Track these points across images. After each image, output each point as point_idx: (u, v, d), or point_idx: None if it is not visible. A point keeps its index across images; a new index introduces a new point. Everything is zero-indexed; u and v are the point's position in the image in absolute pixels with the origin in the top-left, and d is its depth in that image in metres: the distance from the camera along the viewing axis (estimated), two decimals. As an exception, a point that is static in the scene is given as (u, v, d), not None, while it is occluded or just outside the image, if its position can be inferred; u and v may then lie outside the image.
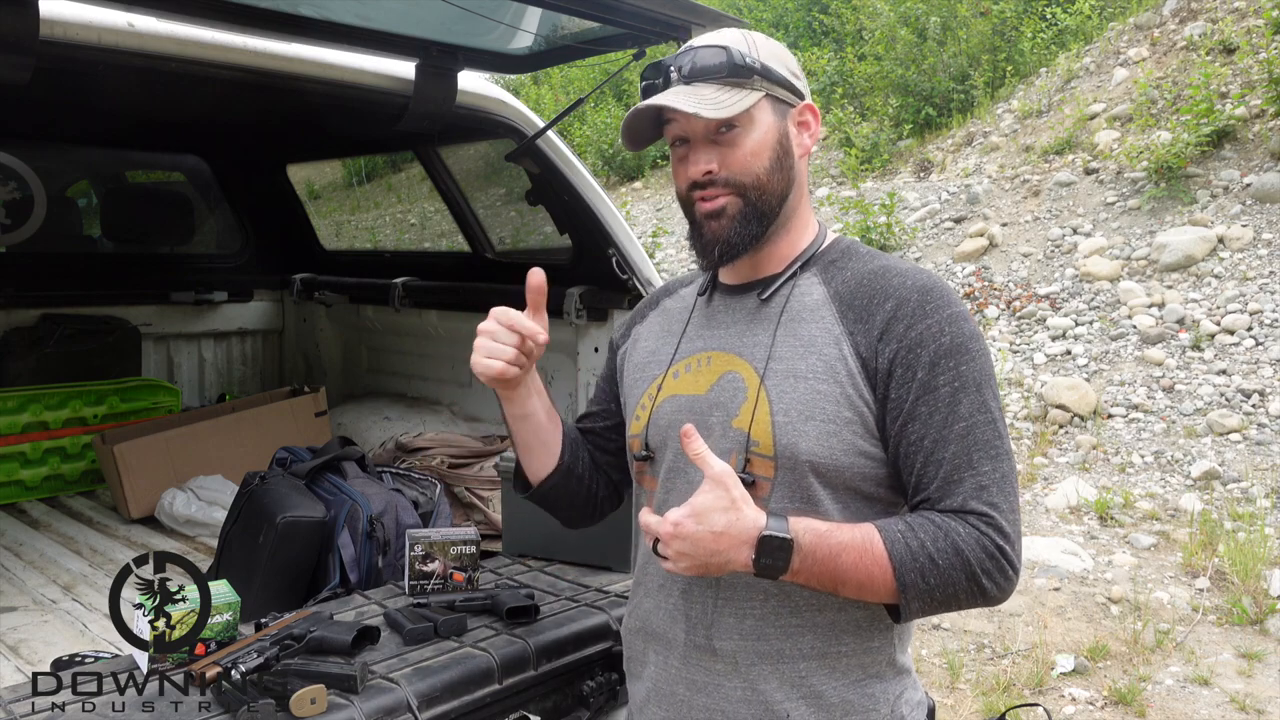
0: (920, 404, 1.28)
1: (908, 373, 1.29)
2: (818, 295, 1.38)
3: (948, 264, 8.34)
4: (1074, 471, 5.86)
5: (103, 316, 3.82)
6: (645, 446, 1.45)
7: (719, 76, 1.35)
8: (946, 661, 3.99)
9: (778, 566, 1.22)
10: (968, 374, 1.29)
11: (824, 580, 1.24)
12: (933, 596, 1.24)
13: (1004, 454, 1.29)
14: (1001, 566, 1.25)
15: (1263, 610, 4.24)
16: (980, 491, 1.26)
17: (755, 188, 1.36)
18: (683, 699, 1.40)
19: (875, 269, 1.38)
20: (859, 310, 1.34)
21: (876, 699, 1.36)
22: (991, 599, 1.27)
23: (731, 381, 1.37)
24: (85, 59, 1.91)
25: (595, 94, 13.01)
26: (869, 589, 1.25)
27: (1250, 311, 6.42)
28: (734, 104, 1.33)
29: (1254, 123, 7.68)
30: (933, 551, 1.23)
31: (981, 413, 1.28)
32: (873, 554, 1.23)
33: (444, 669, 1.68)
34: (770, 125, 1.37)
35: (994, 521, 1.25)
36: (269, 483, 2.32)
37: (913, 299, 1.31)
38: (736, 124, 1.35)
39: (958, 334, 1.30)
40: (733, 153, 1.35)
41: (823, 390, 1.30)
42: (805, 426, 1.29)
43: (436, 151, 3.37)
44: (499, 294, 3.59)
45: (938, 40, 11.05)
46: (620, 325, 1.68)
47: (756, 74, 1.36)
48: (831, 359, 1.32)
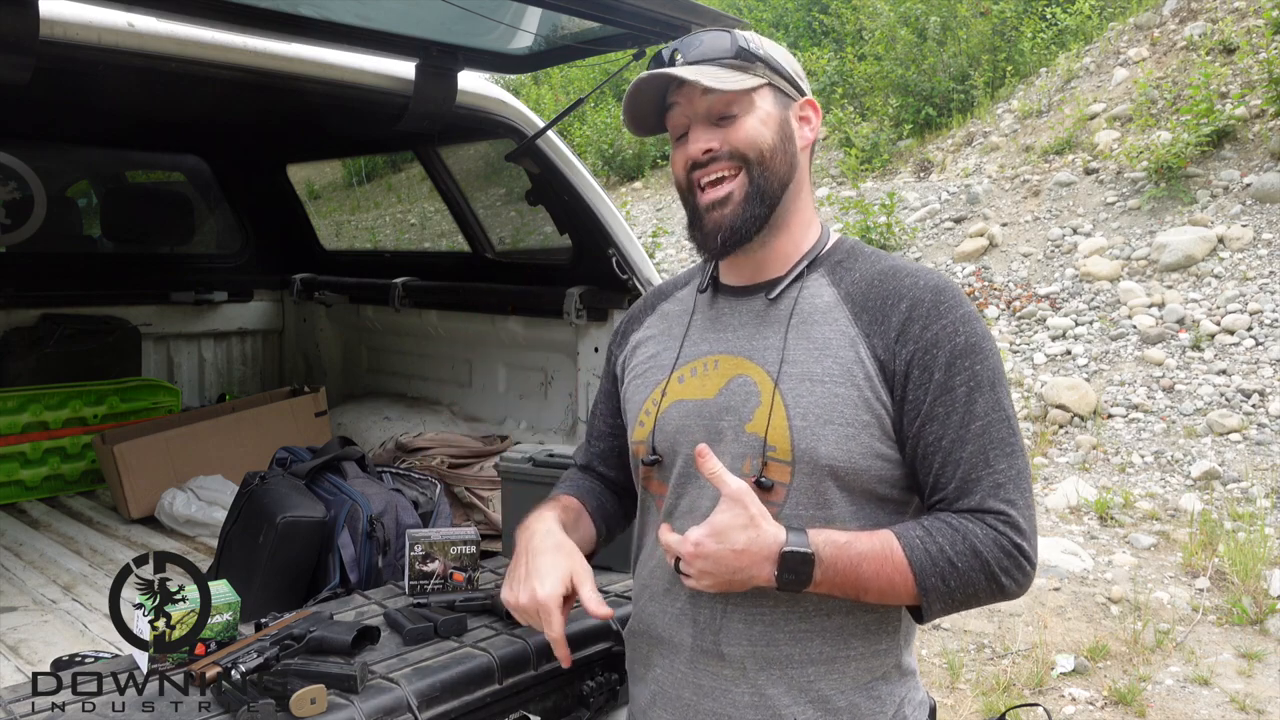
0: (938, 405, 1.29)
1: (924, 374, 1.29)
2: (828, 297, 1.38)
3: (948, 264, 8.34)
4: (1074, 471, 5.87)
5: (103, 316, 3.82)
6: (653, 451, 1.44)
7: (724, 59, 1.35)
8: (946, 661, 3.99)
9: (800, 581, 1.23)
10: (982, 373, 1.30)
11: (845, 590, 1.26)
12: (954, 598, 1.26)
13: (1019, 451, 1.30)
14: (1019, 563, 1.26)
15: (1263, 610, 4.24)
16: (997, 489, 1.27)
17: (759, 162, 1.35)
18: (689, 703, 1.40)
19: (884, 269, 1.38)
20: (873, 312, 1.34)
21: (883, 701, 1.36)
22: (1011, 595, 1.29)
23: (743, 385, 1.36)
24: (85, 59, 1.91)
25: (595, 94, 13.00)
26: (891, 595, 1.27)
27: (1250, 311, 6.42)
28: (737, 82, 1.34)
29: (1254, 123, 7.68)
30: (951, 555, 1.24)
31: (996, 411, 1.29)
32: (893, 561, 1.24)
33: (444, 669, 1.67)
34: (772, 112, 1.37)
35: (1010, 519, 1.26)
36: (269, 483, 2.32)
37: (927, 299, 1.32)
38: (737, 109, 1.35)
39: (971, 334, 1.31)
40: (735, 130, 1.35)
41: (841, 394, 1.30)
42: (824, 430, 1.29)
43: (436, 151, 3.37)
44: (499, 294, 3.61)
45: (938, 40, 11.06)
46: (614, 334, 1.67)
47: (759, 61, 1.37)
48: (848, 362, 1.32)
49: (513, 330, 3.28)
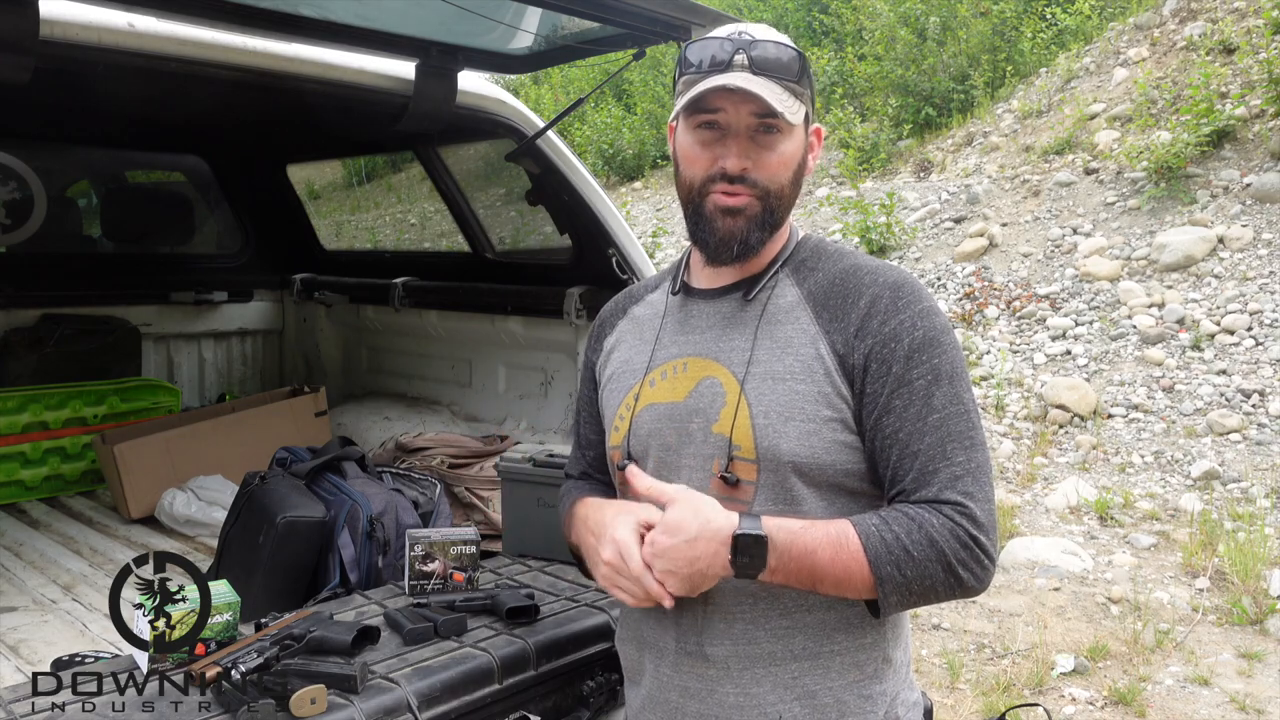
0: (895, 397, 1.29)
1: (883, 367, 1.30)
2: (792, 296, 1.39)
3: (948, 264, 8.34)
4: (1074, 471, 5.86)
5: (103, 316, 3.82)
6: (627, 456, 1.44)
7: (788, 78, 1.32)
8: (946, 661, 3.99)
9: (755, 564, 1.23)
10: (941, 366, 1.30)
11: (802, 577, 1.25)
12: (910, 589, 1.25)
13: (978, 444, 1.30)
14: (976, 556, 1.25)
15: (1263, 610, 4.24)
16: (955, 481, 1.26)
17: (777, 196, 1.36)
18: (676, 705, 1.40)
19: (846, 268, 1.39)
20: (834, 309, 1.35)
21: (873, 699, 1.36)
22: (969, 589, 1.27)
23: (710, 387, 1.37)
24: (85, 59, 1.92)
25: (595, 94, 13.01)
26: (846, 584, 1.26)
27: (1250, 311, 6.42)
28: (796, 112, 1.33)
29: (1254, 123, 7.68)
30: (907, 544, 1.23)
31: (955, 404, 1.29)
32: (848, 549, 1.24)
33: (444, 669, 1.67)
34: (801, 139, 1.38)
35: (968, 511, 1.25)
36: (269, 483, 2.32)
37: (885, 295, 1.33)
38: (781, 129, 1.33)
39: (930, 328, 1.31)
40: (768, 157, 1.34)
41: (801, 390, 1.31)
42: (785, 427, 1.30)
43: (436, 151, 3.37)
44: (499, 294, 3.61)
45: (937, 40, 11.05)
46: (589, 339, 1.66)
47: (809, 86, 1.36)
48: (809, 359, 1.33)
49: (513, 330, 3.28)
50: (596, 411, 1.62)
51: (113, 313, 3.86)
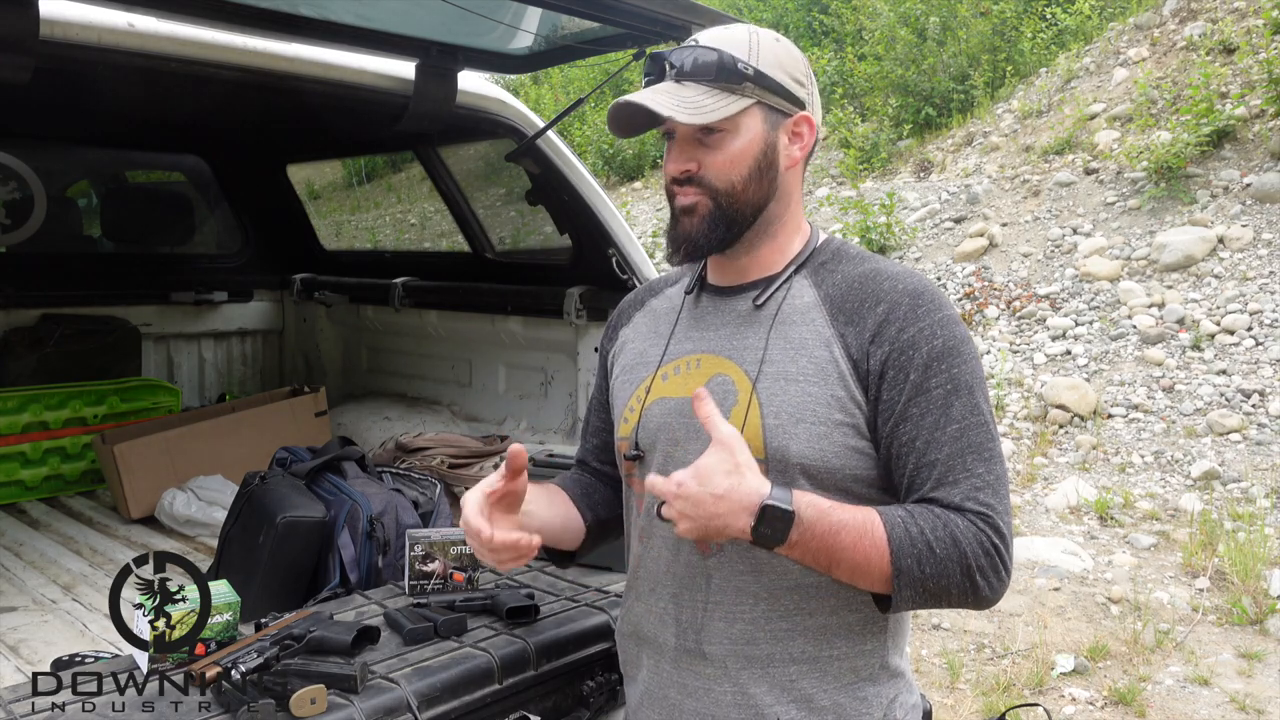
0: (912, 405, 1.28)
1: (900, 375, 1.29)
2: (808, 298, 1.38)
3: (948, 264, 8.34)
4: (1074, 471, 5.86)
5: (103, 316, 3.82)
6: (635, 447, 1.45)
7: (707, 79, 1.34)
8: (946, 661, 3.99)
9: (775, 537, 1.20)
10: (960, 377, 1.29)
11: (819, 557, 1.23)
12: (925, 586, 1.23)
13: (996, 457, 1.29)
14: (996, 566, 1.24)
15: (1263, 610, 4.24)
16: (975, 493, 1.25)
17: (728, 194, 1.36)
18: (674, 703, 1.40)
19: (865, 272, 1.38)
20: (849, 313, 1.34)
21: (869, 702, 1.36)
22: (982, 599, 1.26)
23: (722, 384, 1.37)
24: (85, 59, 1.92)
25: (595, 94, 13.00)
26: (863, 571, 1.24)
27: (1250, 311, 6.42)
28: (715, 109, 1.32)
29: (1254, 123, 7.68)
30: (931, 539, 1.22)
31: (974, 415, 1.28)
32: (872, 535, 1.22)
33: (444, 669, 1.67)
34: (757, 134, 1.36)
35: (991, 521, 1.24)
36: (269, 483, 2.32)
37: (904, 302, 1.32)
38: (720, 128, 1.34)
39: (950, 337, 1.30)
40: (712, 156, 1.35)
41: (813, 392, 1.31)
42: (796, 429, 1.30)
43: (436, 151, 3.37)
44: (499, 294, 3.61)
45: (937, 40, 11.05)
46: (605, 329, 1.67)
47: (749, 81, 1.34)
48: (822, 361, 1.32)
49: (513, 330, 3.28)
50: (606, 400, 1.62)
51: (113, 313, 3.86)
